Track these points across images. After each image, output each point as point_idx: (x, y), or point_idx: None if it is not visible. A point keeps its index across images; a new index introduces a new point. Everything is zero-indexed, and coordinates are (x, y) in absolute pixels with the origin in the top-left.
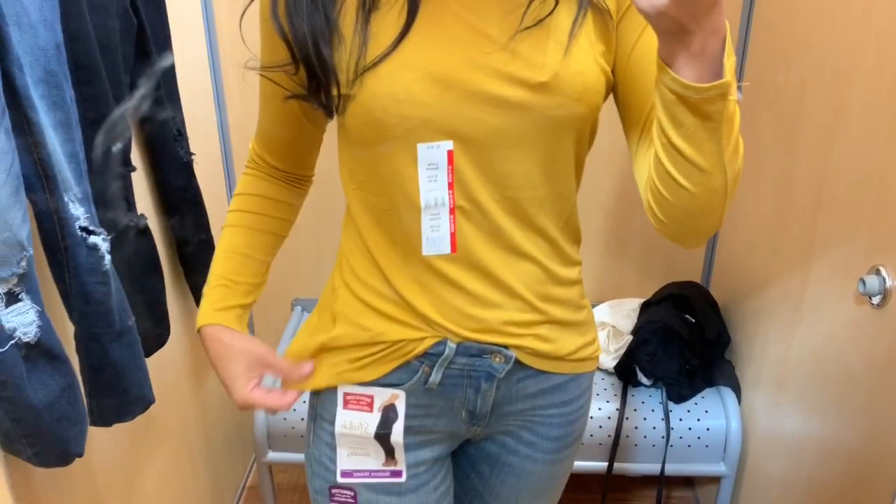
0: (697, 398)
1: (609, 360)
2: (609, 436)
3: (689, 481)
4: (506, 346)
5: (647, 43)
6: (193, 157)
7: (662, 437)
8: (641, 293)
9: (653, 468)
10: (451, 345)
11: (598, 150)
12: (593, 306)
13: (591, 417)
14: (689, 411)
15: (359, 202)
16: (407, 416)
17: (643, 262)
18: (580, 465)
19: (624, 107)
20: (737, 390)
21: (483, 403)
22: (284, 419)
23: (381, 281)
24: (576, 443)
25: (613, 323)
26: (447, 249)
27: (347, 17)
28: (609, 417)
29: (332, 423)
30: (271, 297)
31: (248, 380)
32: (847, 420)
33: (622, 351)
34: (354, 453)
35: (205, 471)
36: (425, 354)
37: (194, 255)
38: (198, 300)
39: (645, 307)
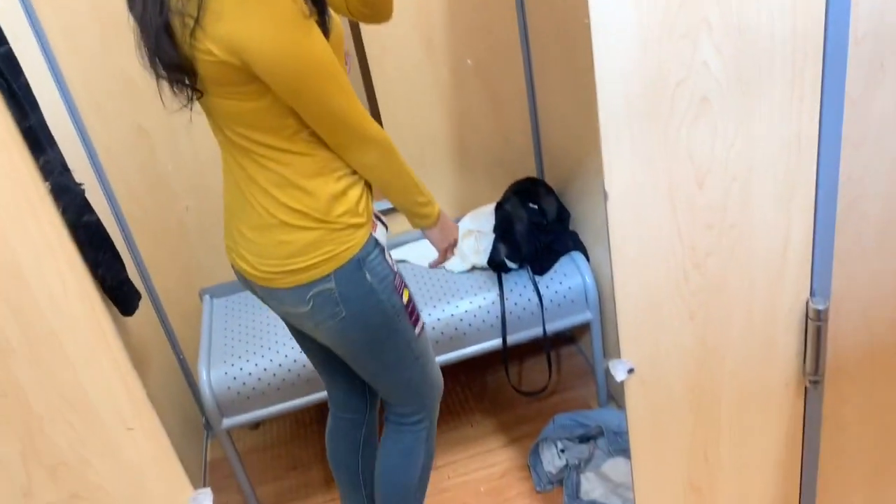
0: (556, 267)
1: (482, 259)
2: (497, 317)
3: (571, 339)
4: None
5: None
6: (83, 186)
7: (538, 305)
8: (494, 199)
9: (537, 331)
10: None
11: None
12: (456, 220)
13: (479, 307)
14: (552, 278)
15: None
16: None
17: (488, 173)
18: (481, 347)
19: None
20: (585, 252)
21: None
22: (228, 388)
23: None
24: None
25: (478, 228)
26: None
27: None
28: (493, 303)
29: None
30: (180, 292)
31: None
32: None
33: (489, 248)
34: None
35: None
36: None
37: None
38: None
39: (498, 207)
